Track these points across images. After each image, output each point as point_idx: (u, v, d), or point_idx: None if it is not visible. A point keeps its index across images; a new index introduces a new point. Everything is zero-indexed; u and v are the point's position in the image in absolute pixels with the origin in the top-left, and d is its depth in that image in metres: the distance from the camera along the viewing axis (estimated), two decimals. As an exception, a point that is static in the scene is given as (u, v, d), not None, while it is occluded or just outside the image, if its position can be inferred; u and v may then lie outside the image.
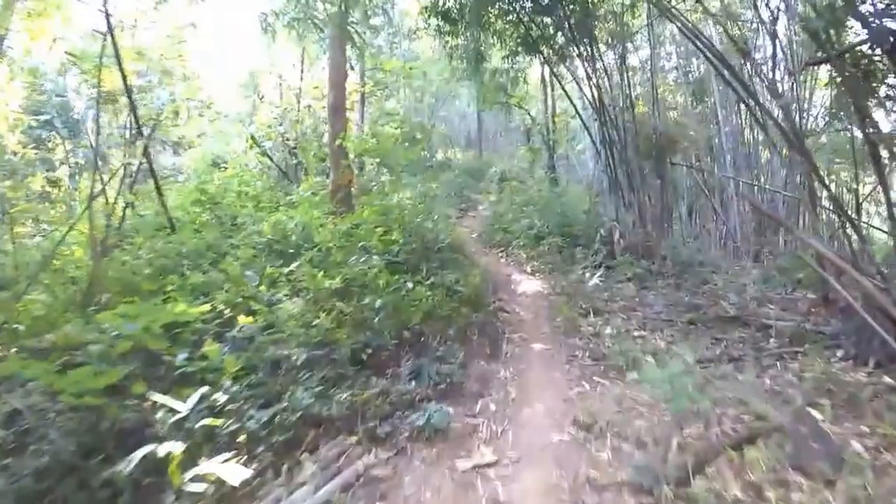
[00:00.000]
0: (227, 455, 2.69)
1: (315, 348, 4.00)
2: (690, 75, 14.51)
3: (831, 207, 9.10)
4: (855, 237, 4.94)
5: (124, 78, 8.08)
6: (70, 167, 13.74)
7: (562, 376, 4.18)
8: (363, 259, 4.93)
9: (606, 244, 8.49)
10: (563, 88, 10.69)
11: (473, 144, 25.03)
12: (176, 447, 2.59)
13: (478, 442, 3.29)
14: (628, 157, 9.06)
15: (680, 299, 6.51)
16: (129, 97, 8.16)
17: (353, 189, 8.58)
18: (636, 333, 5.11)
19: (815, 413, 3.44)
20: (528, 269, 8.09)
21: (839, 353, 4.44)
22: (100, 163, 11.19)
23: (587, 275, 6.92)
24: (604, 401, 3.61)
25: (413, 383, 3.81)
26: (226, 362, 3.51)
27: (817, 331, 5.13)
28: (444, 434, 3.28)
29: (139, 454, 2.51)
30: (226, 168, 11.68)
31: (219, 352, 3.58)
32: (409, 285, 4.81)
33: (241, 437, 3.02)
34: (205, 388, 2.99)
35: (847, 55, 4.57)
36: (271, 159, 10.81)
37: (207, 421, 2.85)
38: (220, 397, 3.23)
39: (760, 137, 14.07)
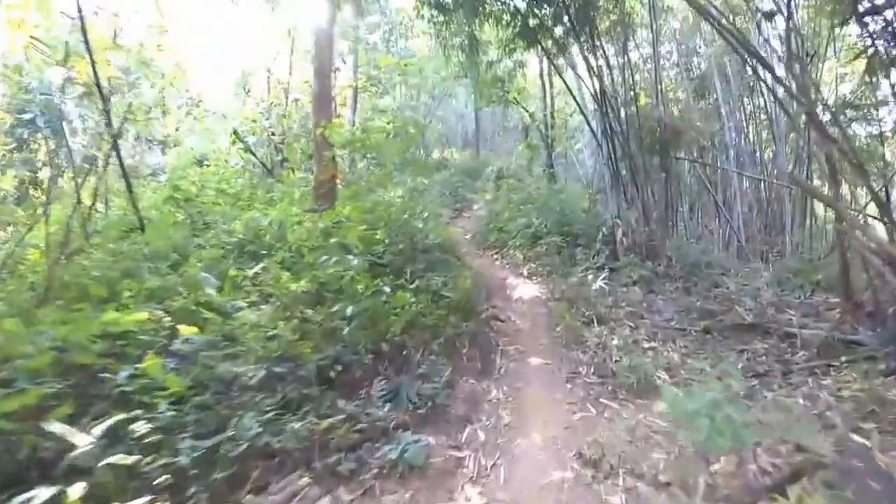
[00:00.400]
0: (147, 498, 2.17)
1: (276, 364, 3.44)
2: (691, 72, 14.07)
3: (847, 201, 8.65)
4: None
5: (93, 66, 7.54)
6: (52, 167, 13.24)
7: (563, 397, 3.60)
8: (335, 260, 4.33)
9: (608, 244, 7.93)
10: (562, 80, 10.13)
11: (471, 144, 24.52)
12: (74, 490, 2.08)
13: (462, 480, 2.72)
14: (631, 151, 8.50)
15: (691, 304, 5.96)
16: (99, 87, 7.62)
17: (339, 184, 8.02)
18: (646, 345, 4.54)
19: (861, 440, 2.91)
20: (525, 272, 7.51)
21: (880, 367, 3.88)
22: (86, 165, 10.69)
23: (590, 277, 6.34)
24: (614, 428, 3.04)
25: (388, 407, 3.24)
26: (168, 381, 2.97)
27: (848, 340, 4.57)
28: (421, 471, 2.71)
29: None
30: (208, 165, 11.16)
31: (161, 368, 3.03)
32: (390, 290, 4.21)
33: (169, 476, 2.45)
34: (122, 416, 2.45)
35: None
36: (254, 155, 10.22)
37: (117, 458, 2.29)
38: (156, 421, 2.70)
39: (764, 134, 13.65)
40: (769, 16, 5.26)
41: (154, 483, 2.42)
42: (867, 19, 4.72)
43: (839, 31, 10.85)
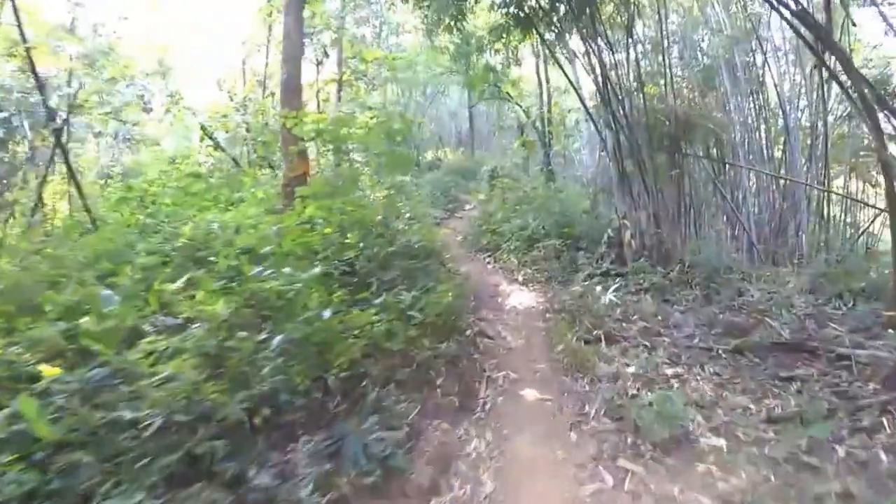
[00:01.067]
0: None
1: (183, 410, 2.56)
2: (695, 65, 13.28)
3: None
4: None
5: (28, 52, 6.72)
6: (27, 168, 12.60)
7: (567, 454, 2.67)
8: (268, 272, 3.44)
9: (613, 247, 7.06)
10: (560, 68, 9.26)
11: (465, 144, 23.69)
12: None
13: None
14: (639, 146, 7.63)
15: (713, 317, 5.07)
16: (36, 76, 6.78)
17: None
18: (669, 371, 3.63)
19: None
20: (520, 278, 6.64)
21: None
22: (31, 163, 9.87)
23: (598, 287, 5.41)
24: (641, 511, 2.15)
25: (326, 469, 2.34)
26: (39, 429, 2.16)
27: (913, 363, 3.69)
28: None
29: None
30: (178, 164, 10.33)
31: (36, 411, 2.21)
32: (342, 307, 3.32)
33: None
34: None
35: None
36: (225, 151, 9.33)
37: None
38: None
39: (773, 131, 12.84)
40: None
41: None
42: None
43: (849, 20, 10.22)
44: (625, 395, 3.19)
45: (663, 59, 9.20)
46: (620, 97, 7.78)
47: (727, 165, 11.61)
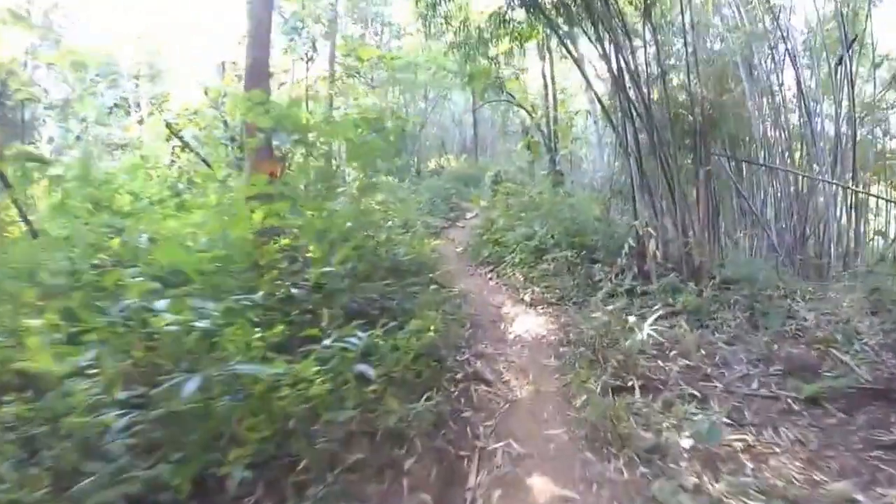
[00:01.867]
0: None
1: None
2: (712, 62, 12.35)
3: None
4: None
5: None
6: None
7: None
8: (145, 297, 2.44)
9: (633, 259, 6.04)
10: (572, 57, 8.24)
11: (469, 150, 22.83)
12: None
13: None
14: (660, 142, 6.61)
15: (767, 349, 4.03)
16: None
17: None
18: (735, 438, 2.59)
19: None
20: (527, 298, 5.63)
21: None
22: None
23: (629, 317, 4.22)
24: None
25: None
26: None
27: None
28: None
29: None
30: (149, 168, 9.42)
31: None
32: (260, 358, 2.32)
33: None
34: None
35: None
36: (192, 150, 8.40)
37: None
38: None
39: (793, 132, 11.90)
40: None
41: None
42: None
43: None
44: (679, 489, 2.17)
45: (685, 48, 8.23)
46: (639, 84, 6.78)
47: (748, 167, 10.61)
